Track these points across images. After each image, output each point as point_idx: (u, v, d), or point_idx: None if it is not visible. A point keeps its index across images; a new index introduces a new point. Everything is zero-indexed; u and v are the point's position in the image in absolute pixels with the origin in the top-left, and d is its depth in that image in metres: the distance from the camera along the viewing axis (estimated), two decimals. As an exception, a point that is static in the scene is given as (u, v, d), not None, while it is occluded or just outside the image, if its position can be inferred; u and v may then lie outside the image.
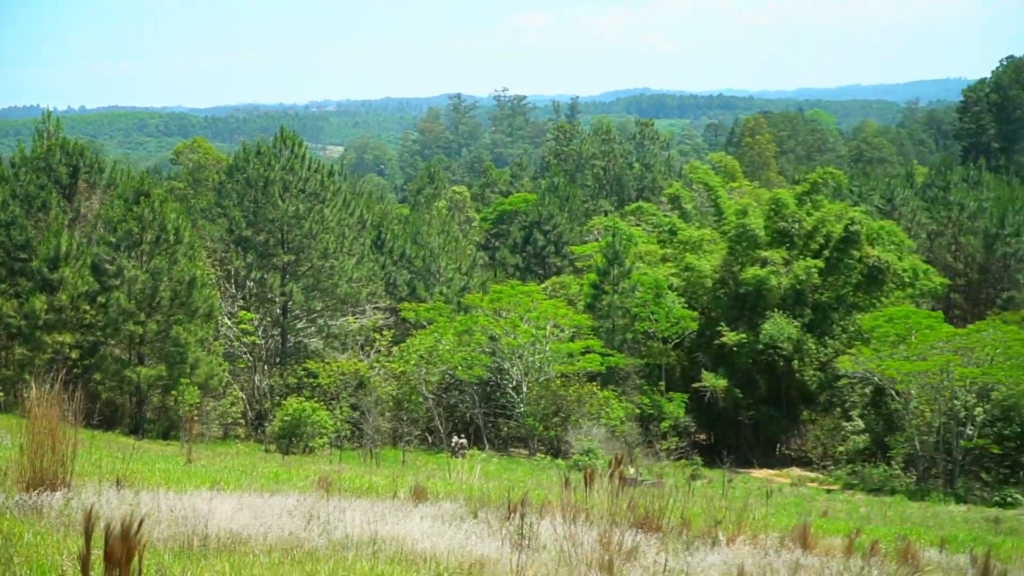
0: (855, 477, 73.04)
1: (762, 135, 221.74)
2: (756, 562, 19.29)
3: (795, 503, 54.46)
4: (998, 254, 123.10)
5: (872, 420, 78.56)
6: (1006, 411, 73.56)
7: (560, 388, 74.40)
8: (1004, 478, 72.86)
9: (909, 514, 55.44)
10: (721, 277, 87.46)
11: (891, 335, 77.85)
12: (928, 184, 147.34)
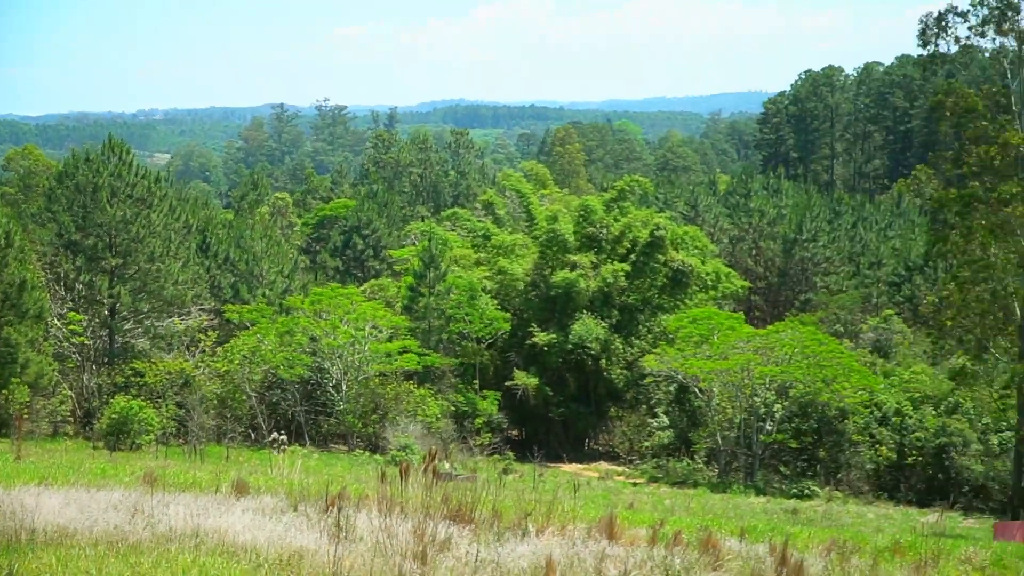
0: (660, 471, 74.00)
1: (572, 144, 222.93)
2: (564, 552, 19.40)
3: (603, 496, 55.14)
4: (796, 258, 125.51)
5: (676, 416, 79.59)
6: (803, 407, 75.21)
7: (378, 386, 74.53)
8: (801, 471, 74.46)
9: (711, 506, 56.40)
10: (532, 280, 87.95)
11: (694, 335, 78.92)
12: (730, 192, 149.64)
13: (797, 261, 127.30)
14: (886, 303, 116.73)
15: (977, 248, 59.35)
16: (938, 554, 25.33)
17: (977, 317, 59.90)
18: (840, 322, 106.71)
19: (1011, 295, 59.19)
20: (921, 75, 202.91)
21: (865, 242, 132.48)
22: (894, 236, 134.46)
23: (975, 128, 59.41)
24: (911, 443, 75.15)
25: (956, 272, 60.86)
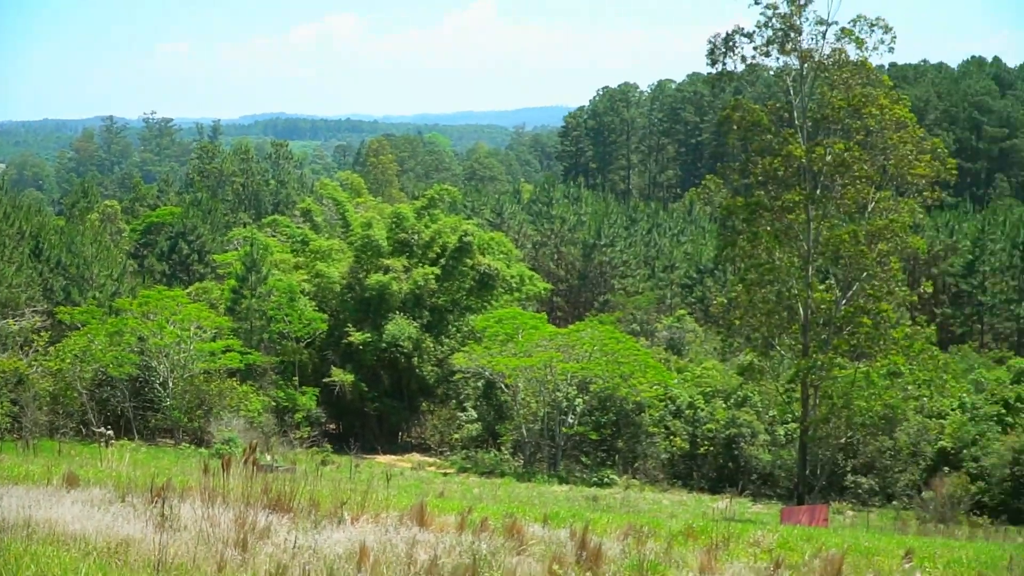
0: (469, 461, 74.21)
1: (385, 156, 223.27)
2: (378, 538, 19.24)
3: (415, 485, 55.10)
4: (595, 262, 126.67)
5: (484, 410, 79.91)
6: (603, 401, 75.91)
7: (203, 383, 73.95)
8: (601, 461, 75.16)
9: (517, 494, 56.63)
10: (349, 283, 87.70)
11: (500, 334, 79.34)
12: (533, 200, 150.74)
13: (596, 265, 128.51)
14: (679, 303, 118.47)
15: (763, 252, 60.33)
16: (728, 537, 25.66)
17: (763, 316, 60.88)
18: (636, 321, 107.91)
19: (795, 296, 60.30)
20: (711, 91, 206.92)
21: (659, 247, 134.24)
22: (686, 241, 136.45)
23: (760, 141, 60.44)
24: (703, 434, 76.25)
25: (743, 275, 61.77)
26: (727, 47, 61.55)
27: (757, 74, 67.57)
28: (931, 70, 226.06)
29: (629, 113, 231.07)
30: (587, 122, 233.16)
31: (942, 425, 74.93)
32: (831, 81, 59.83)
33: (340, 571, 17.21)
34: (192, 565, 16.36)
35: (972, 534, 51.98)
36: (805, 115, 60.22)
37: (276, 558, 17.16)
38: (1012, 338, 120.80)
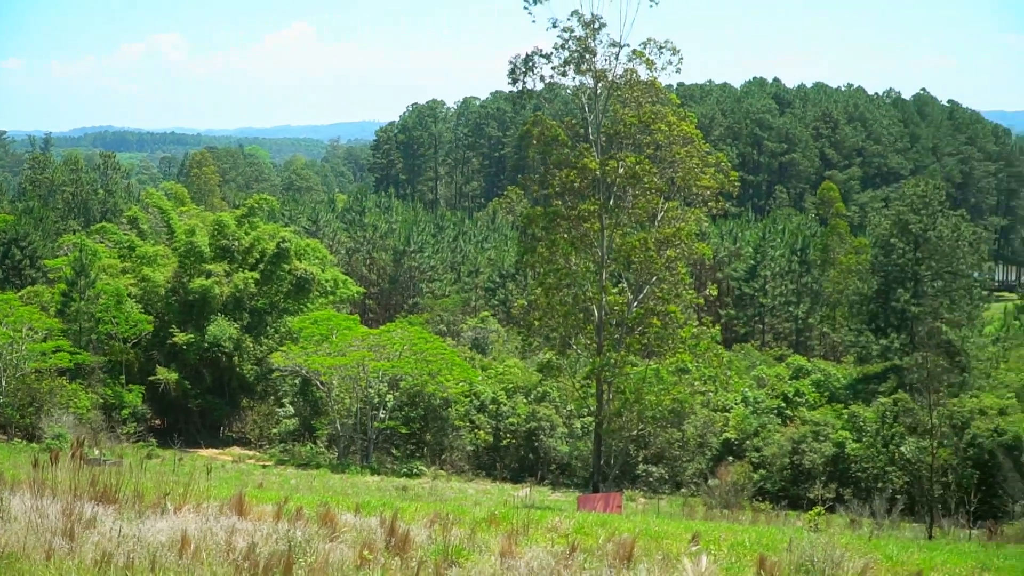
0: (287, 454, 73.52)
1: (208, 167, 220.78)
2: (199, 527, 18.99)
3: (235, 477, 54.59)
4: (405, 267, 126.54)
5: (300, 406, 79.32)
6: (412, 397, 75.76)
7: (34, 382, 72.57)
8: (410, 453, 74.99)
9: (331, 484, 56.28)
10: (173, 287, 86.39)
11: (316, 335, 78.90)
12: (347, 209, 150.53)
13: (406, 269, 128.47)
14: (483, 306, 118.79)
15: (560, 258, 60.62)
16: (528, 523, 25.63)
17: (561, 318, 61.15)
18: (443, 322, 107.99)
19: (590, 298, 60.68)
20: (512, 108, 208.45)
21: (465, 253, 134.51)
22: (490, 248, 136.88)
23: (558, 155, 60.70)
24: (506, 427, 76.54)
25: (542, 279, 61.97)
26: (527, 67, 61.75)
27: (555, 92, 67.69)
28: (716, 89, 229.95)
29: (437, 128, 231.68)
30: (397, 136, 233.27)
31: (726, 418, 76.19)
32: (623, 99, 60.28)
33: (162, 559, 16.92)
34: (22, 554, 16.03)
35: (755, 518, 52.78)
36: (599, 131, 60.64)
37: (102, 547, 16.80)
38: (791, 337, 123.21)
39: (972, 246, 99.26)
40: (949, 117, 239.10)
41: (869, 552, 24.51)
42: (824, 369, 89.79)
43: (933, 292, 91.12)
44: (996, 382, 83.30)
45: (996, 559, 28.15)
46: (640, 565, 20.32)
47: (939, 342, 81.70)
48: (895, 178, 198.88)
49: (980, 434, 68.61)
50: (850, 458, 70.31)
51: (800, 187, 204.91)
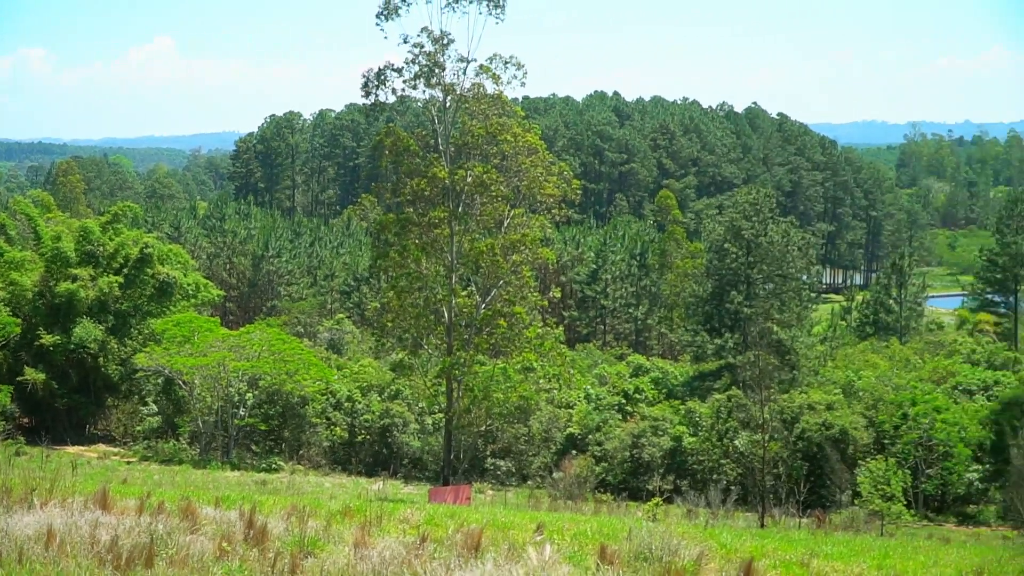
0: (151, 451, 72.55)
1: (74, 176, 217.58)
2: (64, 521, 18.92)
3: (100, 473, 53.77)
4: (264, 271, 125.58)
5: (164, 404, 78.33)
6: (271, 395, 75.17)
7: None
8: (269, 449, 74.40)
9: (194, 479, 55.71)
10: (40, 290, 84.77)
11: (178, 336, 77.94)
12: (208, 216, 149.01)
13: (264, 274, 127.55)
14: (339, 308, 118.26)
15: (412, 263, 60.49)
16: (381, 515, 25.63)
17: (413, 319, 61.03)
18: (301, 324, 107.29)
19: (440, 301, 60.66)
20: (366, 120, 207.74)
21: (321, 258, 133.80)
22: (345, 253, 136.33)
23: (410, 164, 60.60)
24: (361, 424, 76.31)
25: (395, 283, 61.78)
26: (379, 81, 61.53)
27: (407, 105, 67.40)
28: (559, 103, 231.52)
29: (294, 139, 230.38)
30: (256, 146, 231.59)
31: (570, 414, 76.66)
32: (471, 112, 60.35)
33: (29, 551, 16.91)
34: None
35: (597, 509, 53.11)
36: (449, 141, 60.64)
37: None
38: (630, 337, 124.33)
39: (801, 251, 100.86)
40: (779, 129, 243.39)
41: (704, 540, 24.78)
42: (662, 367, 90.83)
43: (764, 294, 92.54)
44: (824, 379, 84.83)
45: (824, 546, 28.70)
46: (487, 554, 20.40)
47: (770, 341, 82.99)
48: (728, 186, 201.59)
49: (809, 428, 69.83)
50: (687, 451, 71.13)
51: (639, 195, 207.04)
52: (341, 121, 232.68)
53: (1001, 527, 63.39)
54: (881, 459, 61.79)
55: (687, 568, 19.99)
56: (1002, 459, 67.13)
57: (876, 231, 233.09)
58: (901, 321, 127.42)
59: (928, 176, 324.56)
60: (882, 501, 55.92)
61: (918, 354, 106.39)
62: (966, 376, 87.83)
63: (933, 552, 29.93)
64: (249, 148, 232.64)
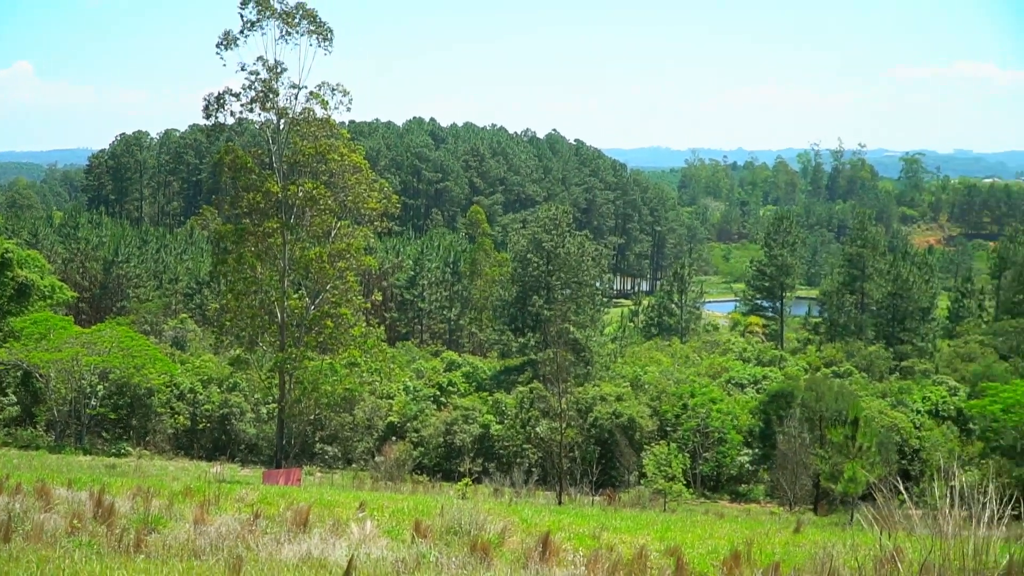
0: (10, 437, 70.45)
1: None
2: None
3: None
4: (114, 275, 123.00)
5: (22, 395, 76.28)
6: (120, 387, 73.65)
7: None
8: (119, 436, 72.89)
9: (49, 463, 54.27)
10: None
11: (36, 334, 76.11)
12: (63, 224, 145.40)
13: (114, 277, 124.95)
14: (182, 309, 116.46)
15: (248, 268, 60.06)
16: (219, 495, 25.51)
17: (249, 319, 60.60)
18: (147, 323, 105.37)
19: (274, 302, 60.34)
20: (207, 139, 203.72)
21: (166, 263, 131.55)
22: (188, 259, 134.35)
23: (247, 180, 60.14)
24: (202, 413, 75.34)
25: (233, 286, 61.25)
26: (219, 104, 60.99)
27: (244, 126, 66.95)
28: (382, 127, 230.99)
29: (142, 155, 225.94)
30: (108, 162, 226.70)
31: (391, 404, 76.62)
32: (302, 133, 60.15)
33: None
34: None
35: (414, 489, 53.23)
36: (282, 160, 60.37)
37: None
38: (445, 336, 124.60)
39: (595, 260, 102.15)
40: (576, 153, 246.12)
41: (508, 516, 25.10)
42: (472, 363, 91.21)
43: (562, 299, 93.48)
44: (614, 373, 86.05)
45: (613, 520, 29.18)
46: (314, 530, 20.45)
47: (567, 340, 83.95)
48: (531, 203, 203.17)
49: (601, 417, 70.82)
50: (494, 437, 71.58)
51: (452, 210, 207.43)
52: (185, 140, 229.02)
53: (769, 503, 65.06)
54: (664, 444, 63.15)
55: (492, 540, 20.17)
56: (769, 444, 68.98)
57: (660, 244, 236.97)
58: (682, 323, 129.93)
59: (706, 196, 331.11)
60: (665, 481, 57.09)
61: (696, 352, 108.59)
62: (738, 371, 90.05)
63: (709, 525, 30.57)
64: (101, 163, 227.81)
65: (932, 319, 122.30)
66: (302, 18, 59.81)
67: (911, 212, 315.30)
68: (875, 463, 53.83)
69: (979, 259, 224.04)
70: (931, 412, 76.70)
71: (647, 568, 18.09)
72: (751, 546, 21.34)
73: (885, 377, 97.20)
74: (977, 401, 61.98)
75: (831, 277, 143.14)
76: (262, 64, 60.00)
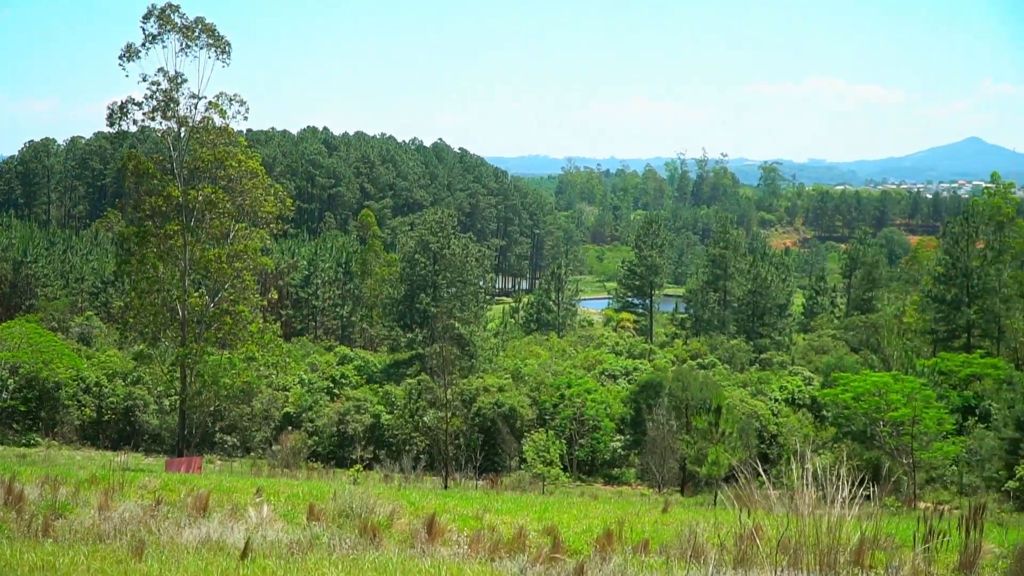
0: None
1: None
2: None
3: None
4: (23, 275, 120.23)
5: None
6: (29, 381, 71.94)
7: None
8: (28, 427, 71.28)
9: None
10: None
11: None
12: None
13: (23, 277, 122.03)
14: (88, 307, 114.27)
15: (151, 268, 59.23)
16: (123, 483, 25.18)
17: (152, 316, 59.76)
18: (55, 320, 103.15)
19: (175, 300, 59.60)
20: (111, 146, 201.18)
21: (72, 264, 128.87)
22: (93, 259, 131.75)
23: (149, 184, 59.26)
24: (107, 405, 74.11)
25: (136, 285, 60.34)
26: (122, 113, 60.01)
27: (147, 134, 66.00)
28: (278, 135, 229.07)
29: (49, 161, 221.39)
30: (17, 167, 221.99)
31: (287, 396, 76.07)
32: (202, 141, 59.47)
33: None
34: None
35: (309, 475, 52.92)
36: (182, 166, 59.59)
37: None
38: (338, 332, 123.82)
39: (478, 261, 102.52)
40: (460, 161, 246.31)
41: (397, 499, 25.13)
42: (364, 357, 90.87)
43: (448, 297, 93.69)
44: (496, 366, 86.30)
45: (495, 502, 29.32)
46: (214, 514, 20.30)
47: (452, 336, 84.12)
48: (418, 207, 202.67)
49: (484, 406, 70.99)
50: (384, 426, 71.48)
51: (345, 214, 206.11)
52: (91, 146, 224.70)
53: (639, 486, 65.73)
54: (542, 432, 63.55)
55: (382, 522, 20.20)
56: (640, 431, 69.69)
57: (539, 246, 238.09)
58: (559, 319, 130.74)
59: (581, 201, 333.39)
60: (543, 466, 57.48)
61: (572, 346, 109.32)
62: (611, 364, 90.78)
63: (584, 506, 30.83)
64: (10, 169, 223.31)
65: (788, 315, 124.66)
66: (201, 32, 59.18)
67: (769, 216, 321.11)
68: (736, 447, 54.71)
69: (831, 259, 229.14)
70: (788, 400, 78.17)
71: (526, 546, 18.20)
72: (622, 525, 21.58)
73: (746, 368, 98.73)
74: (830, 390, 63.14)
75: (696, 276, 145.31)
76: (163, 75, 59.20)
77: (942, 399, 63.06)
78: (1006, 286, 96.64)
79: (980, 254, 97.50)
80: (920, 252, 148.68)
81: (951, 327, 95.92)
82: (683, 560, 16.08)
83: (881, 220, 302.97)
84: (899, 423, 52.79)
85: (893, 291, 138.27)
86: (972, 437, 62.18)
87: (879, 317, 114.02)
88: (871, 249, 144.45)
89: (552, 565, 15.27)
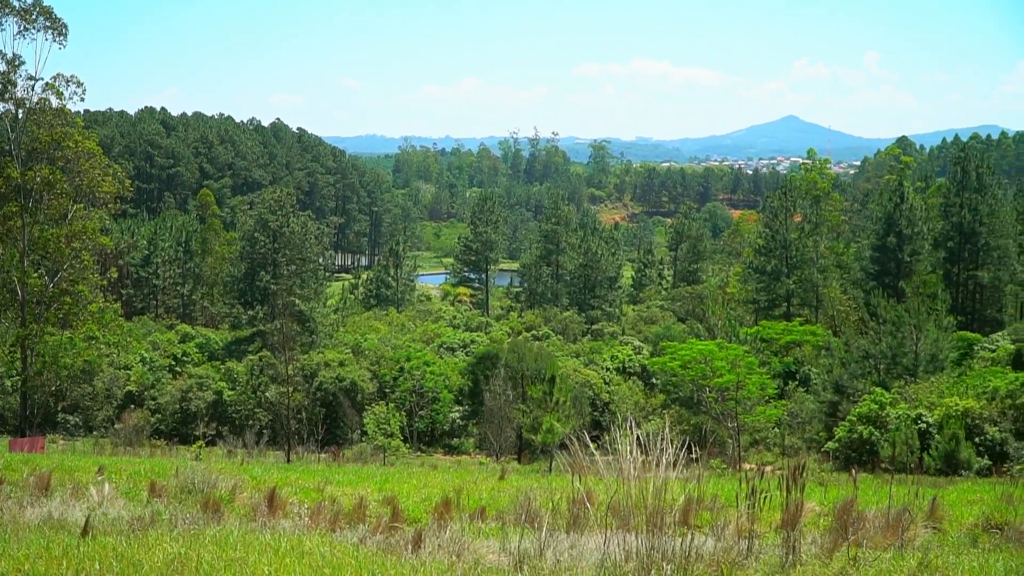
0: None
1: None
2: None
3: None
4: None
5: None
6: None
7: None
8: None
9: None
10: None
11: None
12: None
13: None
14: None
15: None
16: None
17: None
18: None
19: (15, 281, 58.13)
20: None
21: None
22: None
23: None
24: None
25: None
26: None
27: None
28: (116, 116, 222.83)
29: None
30: None
31: (128, 374, 74.51)
32: (39, 122, 58.03)
33: None
34: None
35: (152, 453, 52.07)
36: (20, 147, 58.02)
37: None
38: (179, 310, 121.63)
39: (317, 239, 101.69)
40: (298, 141, 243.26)
41: (239, 474, 25.03)
42: (205, 335, 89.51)
43: (288, 274, 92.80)
44: (337, 341, 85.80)
45: (337, 475, 29.51)
46: (56, 493, 19.94)
47: (293, 312, 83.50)
48: (258, 187, 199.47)
49: (325, 381, 70.68)
50: (227, 403, 70.62)
51: (184, 193, 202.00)
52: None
53: (478, 455, 66.16)
54: (383, 404, 63.64)
55: (224, 497, 20.11)
56: (478, 401, 70.10)
57: (377, 223, 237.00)
58: (398, 294, 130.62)
59: (418, 179, 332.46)
60: (384, 437, 57.58)
61: (411, 320, 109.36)
62: (449, 337, 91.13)
63: (424, 476, 31.14)
64: None
65: (619, 287, 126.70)
66: (39, 14, 57.67)
67: (599, 193, 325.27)
68: (570, 415, 55.57)
69: (659, 233, 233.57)
70: (619, 369, 79.57)
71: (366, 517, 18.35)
72: (460, 493, 21.89)
73: (579, 339, 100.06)
74: (658, 359, 64.35)
75: (530, 251, 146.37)
76: (1, 58, 57.56)
77: (764, 365, 64.81)
78: (823, 257, 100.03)
79: (798, 227, 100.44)
80: (742, 225, 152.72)
81: (772, 296, 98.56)
82: (518, 525, 16.42)
83: (705, 195, 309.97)
84: (724, 389, 54.13)
85: (717, 263, 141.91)
86: (793, 401, 64.11)
87: (704, 288, 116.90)
88: (695, 223, 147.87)
89: (391, 534, 15.43)
